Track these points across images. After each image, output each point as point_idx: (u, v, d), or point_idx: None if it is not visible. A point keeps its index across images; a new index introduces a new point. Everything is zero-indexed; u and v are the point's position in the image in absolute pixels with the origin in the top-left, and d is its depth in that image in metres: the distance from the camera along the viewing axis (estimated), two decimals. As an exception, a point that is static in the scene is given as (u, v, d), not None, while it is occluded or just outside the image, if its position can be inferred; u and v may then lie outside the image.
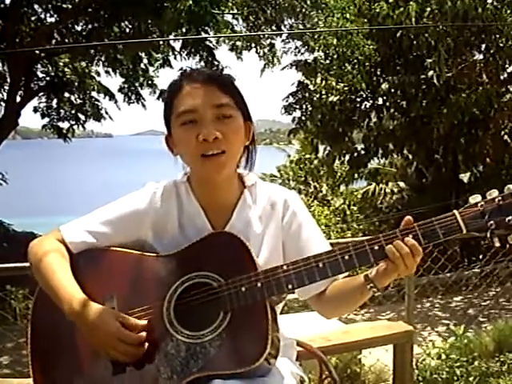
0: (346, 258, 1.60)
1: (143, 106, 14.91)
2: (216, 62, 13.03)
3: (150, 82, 14.49)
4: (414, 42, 11.26)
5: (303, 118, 14.15)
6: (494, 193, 1.60)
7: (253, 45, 13.60)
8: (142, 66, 14.12)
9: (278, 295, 1.62)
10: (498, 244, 1.58)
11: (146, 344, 1.60)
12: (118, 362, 1.61)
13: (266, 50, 13.69)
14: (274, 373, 1.68)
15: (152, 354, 1.60)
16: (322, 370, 2.20)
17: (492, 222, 1.57)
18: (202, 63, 12.95)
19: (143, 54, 13.42)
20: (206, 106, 1.69)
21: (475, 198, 1.61)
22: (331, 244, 1.82)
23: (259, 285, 1.60)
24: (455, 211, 1.60)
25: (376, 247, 1.60)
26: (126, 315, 1.62)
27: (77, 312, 1.61)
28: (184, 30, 11.62)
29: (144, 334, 1.60)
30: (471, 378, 4.26)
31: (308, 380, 2.00)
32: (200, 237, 1.71)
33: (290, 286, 1.61)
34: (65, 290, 1.64)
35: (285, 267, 1.62)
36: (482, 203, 1.59)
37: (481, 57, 13.05)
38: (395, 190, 18.58)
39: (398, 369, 3.34)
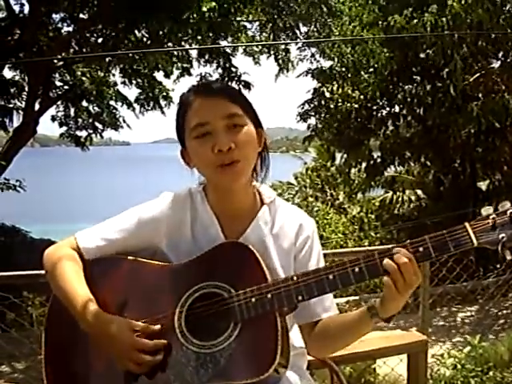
0: (356, 270, 1.60)
1: (162, 112, 14.93)
2: (233, 69, 13.10)
3: (164, 95, 14.53)
4: (430, 52, 11.21)
5: (319, 125, 14.15)
6: (506, 205, 1.59)
7: (271, 52, 13.67)
8: (158, 77, 14.19)
9: (288, 306, 1.63)
10: (509, 257, 1.56)
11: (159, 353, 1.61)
12: (130, 370, 1.63)
13: (281, 56, 13.76)
14: (284, 383, 1.70)
15: (163, 363, 1.61)
16: (332, 380, 2.20)
17: (503, 235, 1.55)
18: (220, 70, 13.03)
19: (160, 66, 13.48)
20: (216, 117, 1.71)
21: (487, 210, 1.60)
22: (345, 253, 1.82)
23: (269, 296, 1.61)
24: (466, 224, 1.58)
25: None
26: (140, 323, 1.64)
27: (91, 324, 1.64)
28: (201, 37, 11.70)
29: (160, 340, 1.62)
30: (486, 388, 4.24)
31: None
32: (212, 246, 1.73)
33: (299, 298, 1.62)
34: (78, 301, 1.67)
35: (295, 278, 1.63)
36: (494, 216, 1.57)
37: (497, 65, 12.99)
38: (413, 198, 18.49)
39: (413, 378, 3.33)
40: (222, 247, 1.73)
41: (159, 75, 14.21)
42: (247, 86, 13.24)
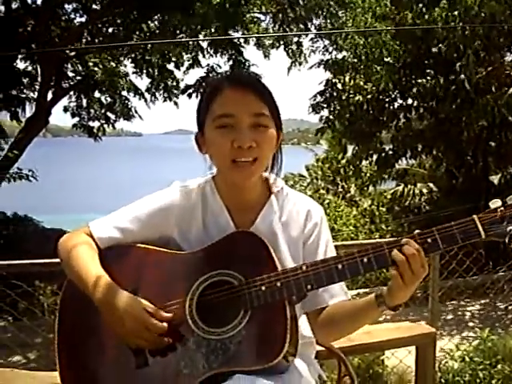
0: (365, 260, 1.62)
1: (175, 104, 14.89)
2: (244, 60, 13.08)
3: (175, 84, 14.49)
4: (442, 46, 11.17)
5: (331, 117, 14.12)
6: None
7: (280, 42, 13.64)
8: (170, 67, 14.15)
9: (297, 295, 1.65)
10: None
11: (169, 338, 1.64)
12: (141, 355, 1.66)
13: (293, 48, 13.72)
14: (293, 370, 1.72)
15: (174, 349, 1.64)
16: (340, 369, 2.22)
17: (511, 227, 1.56)
18: (231, 62, 13.02)
19: (171, 55, 13.47)
20: (244, 112, 1.71)
21: (495, 203, 1.61)
22: (355, 245, 1.82)
23: (279, 284, 1.63)
24: (474, 216, 1.60)
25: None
26: (152, 305, 1.67)
27: (105, 298, 1.66)
28: (213, 28, 11.70)
29: (168, 325, 1.64)
30: (494, 381, 4.22)
31: (326, 378, 2.02)
32: (223, 235, 1.75)
33: (308, 287, 1.64)
34: (93, 278, 1.69)
35: (304, 268, 1.65)
36: (502, 208, 1.59)
37: (510, 58, 12.93)
38: (424, 191, 18.43)
39: (421, 370, 3.32)
40: (233, 236, 1.75)
41: (170, 65, 14.19)
42: (256, 78, 13.16)
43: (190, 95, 13.84)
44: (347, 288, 1.89)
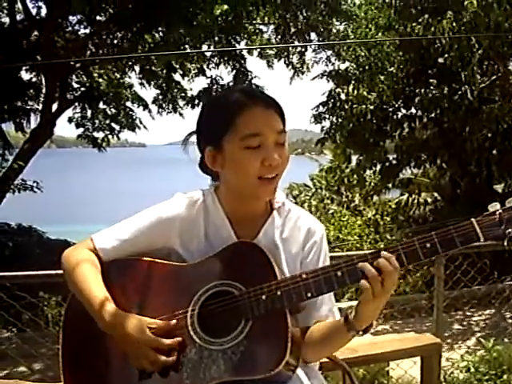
0: None
1: (180, 115, 14.90)
2: (247, 72, 13.11)
3: (183, 95, 14.50)
4: (447, 56, 11.17)
5: (333, 127, 14.13)
6: None
7: (283, 53, 13.68)
8: (176, 77, 14.18)
9: (298, 303, 1.66)
10: None
11: (171, 352, 1.64)
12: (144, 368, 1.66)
13: (295, 59, 13.77)
14: (295, 380, 1.72)
15: (176, 360, 1.64)
16: (345, 381, 2.21)
17: (510, 230, 1.56)
18: (233, 72, 13.06)
19: (177, 66, 13.50)
20: (271, 131, 1.72)
21: (494, 207, 1.60)
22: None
23: (279, 293, 1.63)
24: (473, 219, 1.59)
25: None
26: (156, 320, 1.67)
27: (108, 322, 1.66)
28: (215, 39, 11.75)
29: (174, 339, 1.65)
30: (499, 392, 4.21)
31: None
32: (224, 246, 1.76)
33: (309, 295, 1.64)
34: (96, 301, 1.69)
35: (304, 276, 1.65)
36: (501, 211, 1.58)
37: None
38: (429, 200, 18.41)
39: (426, 381, 3.30)
40: (234, 247, 1.75)
41: (176, 76, 14.22)
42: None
43: (193, 106, 13.86)
44: (340, 300, 1.88)
